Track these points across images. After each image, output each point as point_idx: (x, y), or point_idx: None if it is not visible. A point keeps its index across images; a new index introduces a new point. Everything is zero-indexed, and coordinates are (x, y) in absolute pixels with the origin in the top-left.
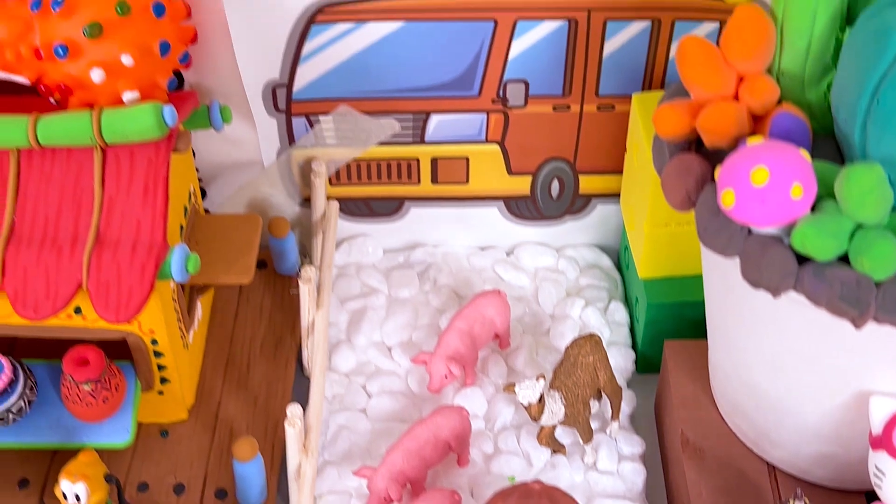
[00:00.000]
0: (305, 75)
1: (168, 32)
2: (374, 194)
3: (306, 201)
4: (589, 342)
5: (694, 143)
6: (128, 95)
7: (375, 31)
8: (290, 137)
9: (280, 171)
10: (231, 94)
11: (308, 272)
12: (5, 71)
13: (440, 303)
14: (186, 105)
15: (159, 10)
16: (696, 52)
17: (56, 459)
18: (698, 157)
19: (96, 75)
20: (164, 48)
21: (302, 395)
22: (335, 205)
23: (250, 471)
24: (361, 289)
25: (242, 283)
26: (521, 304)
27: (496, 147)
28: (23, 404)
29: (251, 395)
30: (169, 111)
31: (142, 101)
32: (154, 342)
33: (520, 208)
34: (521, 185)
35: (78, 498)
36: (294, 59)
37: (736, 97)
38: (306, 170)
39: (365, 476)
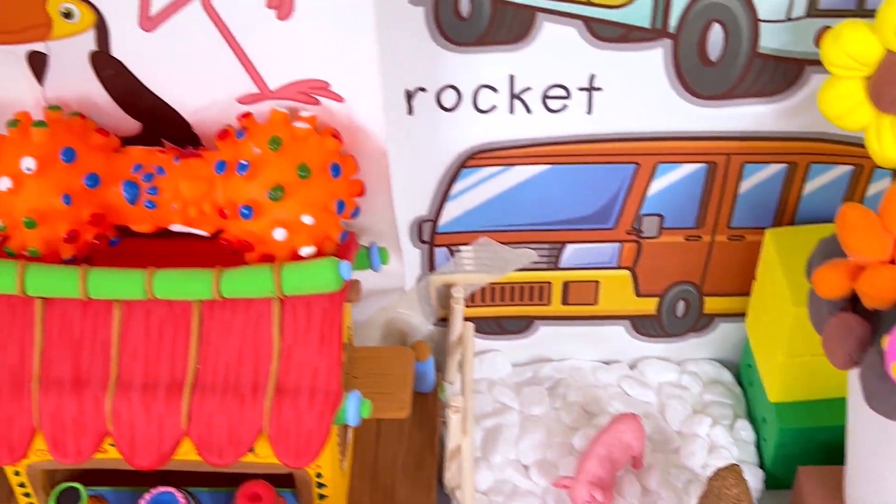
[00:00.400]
0: (451, 212)
1: (343, 191)
2: (506, 314)
3: (440, 321)
4: (731, 474)
5: (850, 301)
6: (305, 250)
7: (521, 173)
8: (430, 265)
9: (419, 294)
10: (383, 231)
11: (458, 401)
12: (187, 225)
13: (571, 420)
14: (351, 252)
15: (336, 171)
16: (856, 219)
17: None
18: (858, 317)
19: (279, 234)
20: (340, 207)
21: None
22: (471, 327)
23: None
24: (493, 405)
25: (400, 417)
26: (649, 420)
27: (626, 272)
28: None
29: None
30: (345, 266)
31: (317, 254)
32: (319, 475)
33: (645, 326)
34: (648, 305)
35: None
36: (442, 198)
37: (894, 261)
38: (443, 293)
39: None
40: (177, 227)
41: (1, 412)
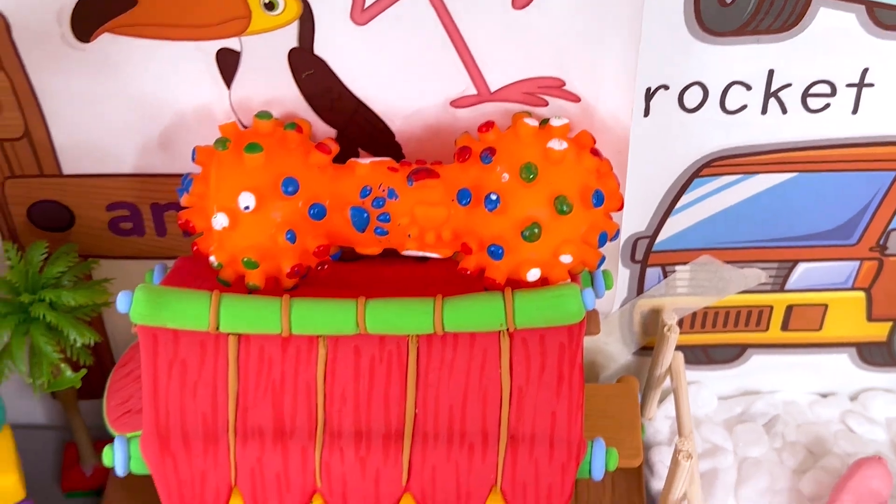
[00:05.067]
0: (672, 227)
1: (605, 221)
2: (716, 342)
3: (641, 349)
4: None
5: None
6: (532, 274)
7: (761, 182)
8: (639, 287)
9: (621, 319)
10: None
11: (687, 445)
12: (422, 250)
13: (796, 463)
14: (576, 278)
15: (598, 199)
16: None
17: None
18: None
19: (532, 275)
20: (603, 239)
21: None
22: (681, 358)
23: None
24: (703, 446)
25: (632, 466)
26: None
27: (861, 294)
28: None
29: None
30: (589, 295)
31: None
32: None
33: (872, 354)
34: (880, 331)
35: None
36: (666, 211)
37: None
38: (648, 319)
39: None
40: (409, 252)
41: (193, 467)
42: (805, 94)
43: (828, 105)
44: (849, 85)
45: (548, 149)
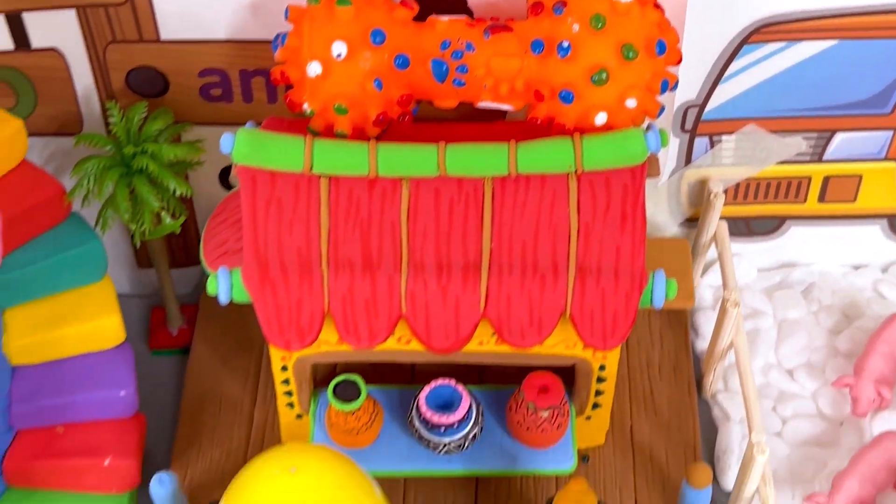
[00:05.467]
0: (720, 95)
1: (664, 71)
2: (757, 213)
3: (687, 221)
4: None
5: None
6: (600, 118)
7: (806, 50)
8: (687, 157)
9: (669, 190)
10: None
11: (735, 296)
12: (495, 101)
13: (832, 323)
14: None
15: (661, 48)
16: None
17: (481, 488)
18: None
19: (599, 119)
20: (664, 86)
21: (704, 418)
22: (725, 226)
23: (703, 499)
24: (745, 310)
25: (686, 307)
26: None
27: (894, 164)
28: (477, 431)
29: (661, 419)
30: (653, 137)
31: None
32: (601, 368)
33: None
34: None
35: None
36: (716, 79)
37: None
38: (694, 190)
39: (848, 384)
40: (483, 104)
41: (290, 295)
42: None
43: None
44: None
45: (615, 1)
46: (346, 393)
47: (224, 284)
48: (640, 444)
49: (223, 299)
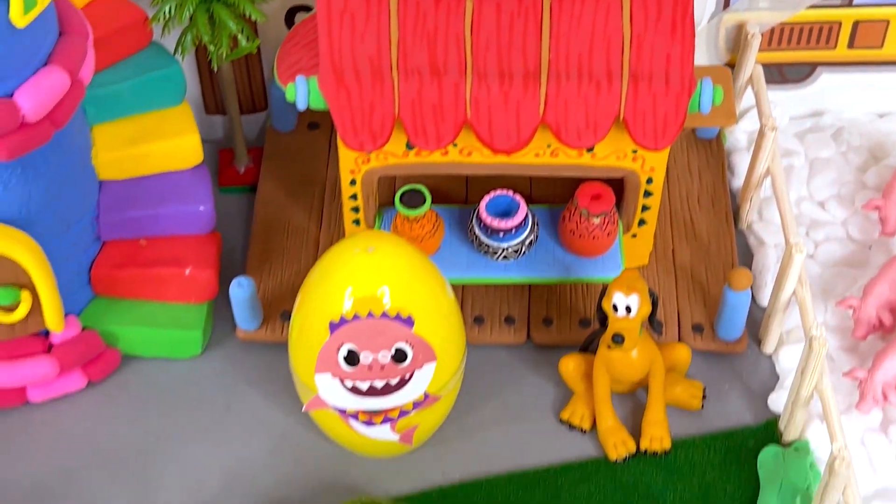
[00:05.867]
0: None
1: None
2: (789, 60)
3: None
4: None
5: None
6: None
7: None
8: (725, 2)
9: (707, 34)
10: None
11: (773, 121)
12: None
13: (860, 162)
14: None
15: None
16: None
17: (534, 298)
18: None
19: None
20: None
21: (741, 246)
22: (760, 68)
23: (742, 300)
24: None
25: (728, 125)
26: None
27: None
28: (532, 238)
29: (700, 243)
30: None
31: None
32: (649, 181)
33: None
34: None
35: (629, 309)
36: None
37: None
38: (732, 34)
39: (851, 306)
40: None
41: (363, 99)
42: None
43: None
44: None
45: None
46: (412, 201)
47: (302, 91)
48: (681, 265)
49: (301, 105)
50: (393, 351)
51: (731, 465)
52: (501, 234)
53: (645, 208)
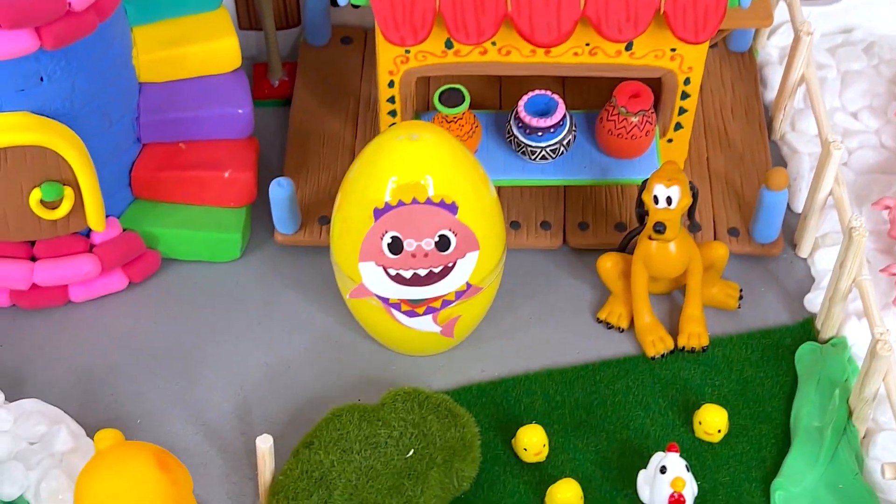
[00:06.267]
0: None
1: None
2: None
3: None
4: None
5: None
6: None
7: None
8: None
9: None
10: None
11: (808, 26)
12: None
13: (891, 74)
14: None
15: None
16: None
17: (568, 205)
18: None
19: None
20: None
21: (774, 156)
22: None
23: (779, 200)
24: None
25: (764, 26)
26: None
27: None
28: (571, 138)
29: (734, 152)
30: None
31: None
32: (686, 82)
33: None
34: None
35: (669, 200)
36: None
37: None
38: None
39: (888, 206)
40: None
41: None
42: None
43: None
44: None
45: None
46: (451, 100)
47: None
48: (716, 172)
49: (342, 1)
50: (437, 238)
51: (769, 362)
52: (540, 133)
53: (682, 111)
